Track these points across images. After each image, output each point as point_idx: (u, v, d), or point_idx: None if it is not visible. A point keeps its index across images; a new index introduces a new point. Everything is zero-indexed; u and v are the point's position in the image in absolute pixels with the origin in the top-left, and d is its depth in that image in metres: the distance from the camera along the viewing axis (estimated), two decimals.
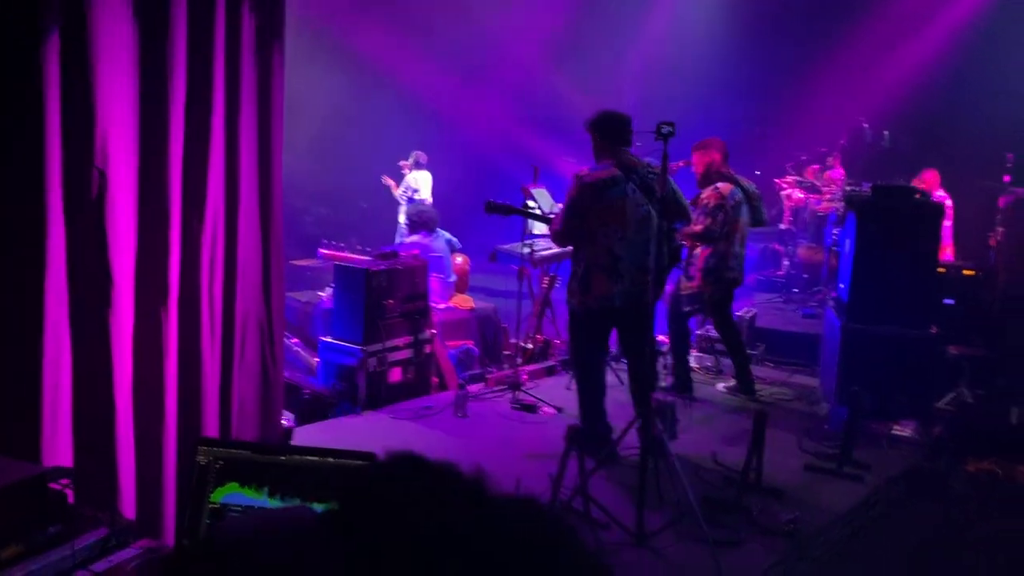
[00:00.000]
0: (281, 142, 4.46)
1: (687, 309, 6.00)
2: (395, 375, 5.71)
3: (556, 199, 6.22)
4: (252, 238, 4.18)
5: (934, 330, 5.59)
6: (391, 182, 10.81)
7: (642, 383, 4.49)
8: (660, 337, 6.65)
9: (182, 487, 3.24)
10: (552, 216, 5.12)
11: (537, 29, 11.87)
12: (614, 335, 5.15)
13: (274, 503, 1.87)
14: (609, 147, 4.61)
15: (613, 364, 5.82)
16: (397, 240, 9.19)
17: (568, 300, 4.70)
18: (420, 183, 10.46)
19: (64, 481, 2.26)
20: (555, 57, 11.94)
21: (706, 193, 5.78)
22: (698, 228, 5.59)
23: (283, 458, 1.93)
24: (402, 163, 10.67)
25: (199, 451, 1.90)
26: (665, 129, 3.72)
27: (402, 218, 10.26)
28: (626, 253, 4.48)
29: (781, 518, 3.95)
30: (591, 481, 4.01)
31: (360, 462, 1.88)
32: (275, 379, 4.53)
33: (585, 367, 4.86)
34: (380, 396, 5.52)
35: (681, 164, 6.08)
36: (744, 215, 5.84)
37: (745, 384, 6.02)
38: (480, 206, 5.18)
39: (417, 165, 10.53)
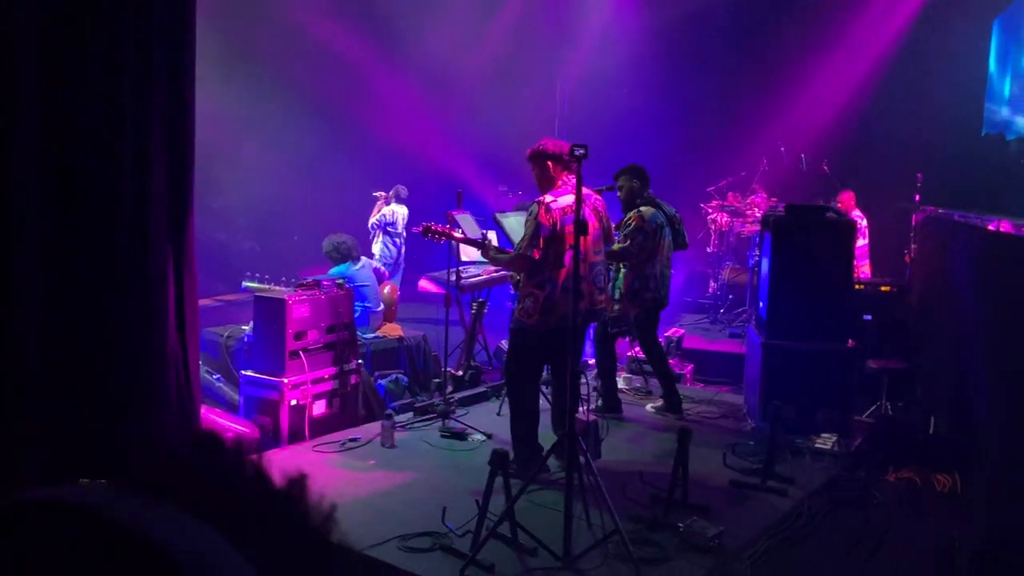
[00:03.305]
0: (192, 178, 4.39)
1: (613, 331, 6.09)
2: (320, 407, 5.59)
3: (482, 226, 6.23)
4: (163, 272, 4.09)
5: (851, 344, 5.73)
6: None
7: (567, 403, 4.48)
8: (590, 360, 6.70)
9: None
10: (481, 241, 5.14)
11: (471, 56, 11.96)
12: None
13: None
14: (561, 173, 4.75)
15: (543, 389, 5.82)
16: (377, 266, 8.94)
17: (521, 320, 4.73)
18: (397, 217, 10.37)
19: None
20: (486, 85, 12.03)
21: (629, 217, 5.94)
22: (616, 247, 5.72)
23: None
24: (379, 194, 10.49)
25: None
26: (578, 151, 3.76)
27: (376, 248, 10.13)
28: (588, 273, 4.70)
29: (707, 534, 3.96)
30: (519, 507, 3.98)
31: None
32: (191, 413, 4.40)
33: (524, 389, 4.89)
34: (304, 430, 5.40)
35: (603, 188, 6.17)
36: (667, 237, 5.99)
37: (672, 403, 6.10)
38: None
39: (397, 199, 10.44)
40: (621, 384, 6.58)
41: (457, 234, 5.23)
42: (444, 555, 3.85)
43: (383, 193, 10.51)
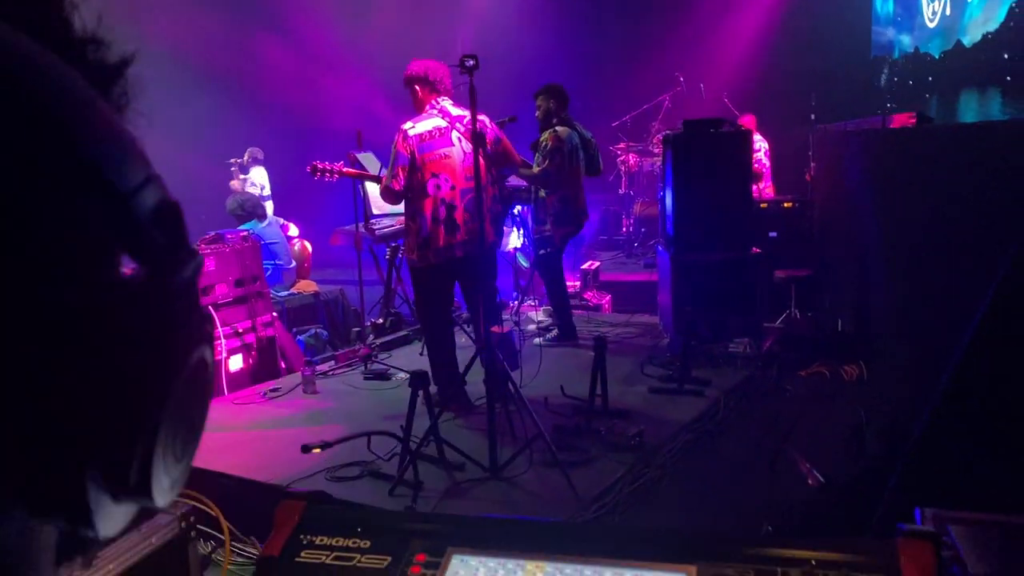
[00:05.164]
0: None
1: (541, 252, 6.04)
2: (236, 363, 5.49)
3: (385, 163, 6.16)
4: None
5: (756, 250, 5.90)
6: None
7: (483, 319, 4.47)
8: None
9: None
10: (379, 176, 5.06)
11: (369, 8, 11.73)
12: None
13: None
14: (431, 94, 4.56)
15: (466, 328, 5.81)
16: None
17: (407, 257, 4.65)
18: (262, 179, 10.08)
19: None
20: (387, 35, 11.81)
21: (545, 137, 5.89)
22: (536, 170, 5.69)
23: None
24: (235, 160, 10.16)
25: None
26: (468, 62, 3.73)
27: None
28: (459, 201, 4.48)
29: (627, 433, 4.06)
30: (446, 431, 4.00)
31: None
32: None
33: (432, 322, 4.81)
34: (222, 384, 5.30)
35: (505, 120, 6.15)
36: (581, 161, 5.97)
37: (567, 332, 6.13)
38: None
39: (255, 161, 10.13)
40: (543, 317, 6.64)
41: (346, 169, 5.09)
42: (373, 480, 3.86)
43: (238, 160, 10.11)
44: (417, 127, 4.46)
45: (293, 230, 8.13)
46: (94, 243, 0.39)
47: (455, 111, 4.57)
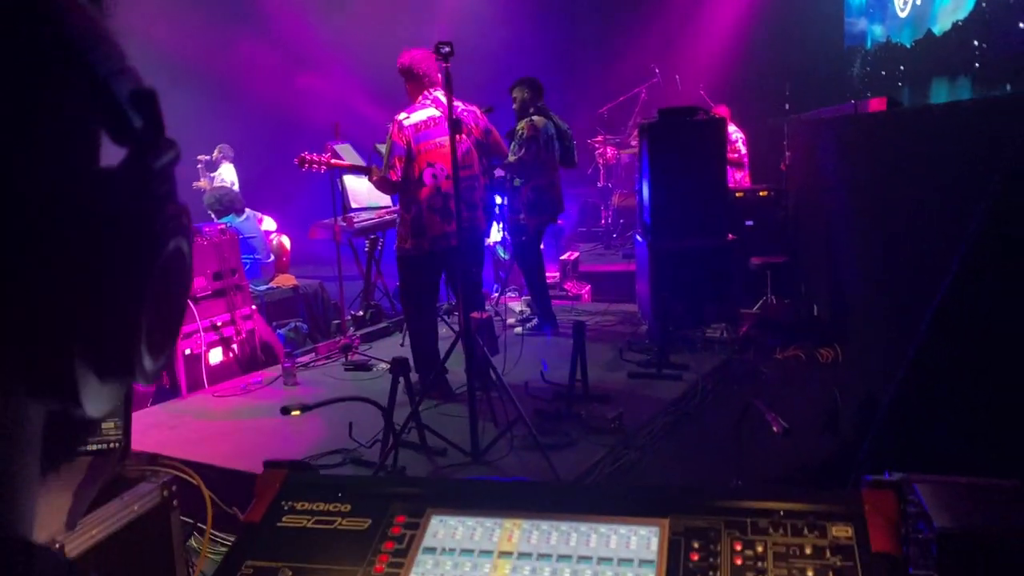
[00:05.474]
0: None
1: (515, 240, 6.08)
2: (216, 356, 5.48)
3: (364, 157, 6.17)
4: None
5: (732, 237, 5.96)
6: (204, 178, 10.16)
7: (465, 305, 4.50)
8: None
9: None
10: (368, 166, 5.06)
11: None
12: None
13: None
14: (422, 86, 4.60)
15: (446, 318, 5.83)
16: None
17: (399, 246, 4.65)
18: (231, 176, 10.03)
19: None
20: (364, 29, 11.79)
21: (521, 125, 5.93)
22: (512, 159, 5.72)
23: None
24: (202, 157, 10.07)
25: None
26: (444, 49, 3.76)
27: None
28: (455, 191, 4.52)
29: (607, 416, 4.11)
30: (429, 418, 4.03)
31: None
32: None
33: (419, 312, 4.81)
34: (203, 378, 5.29)
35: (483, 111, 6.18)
36: (556, 151, 6.01)
37: (547, 319, 6.16)
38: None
39: (224, 158, 10.08)
40: (523, 307, 6.67)
41: (335, 160, 5.12)
42: (355, 468, 3.88)
43: (205, 157, 10.03)
44: (412, 117, 4.51)
45: (270, 224, 8.11)
46: (73, 124, 0.42)
47: (446, 99, 4.61)
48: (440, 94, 4.61)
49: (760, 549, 1.11)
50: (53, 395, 0.41)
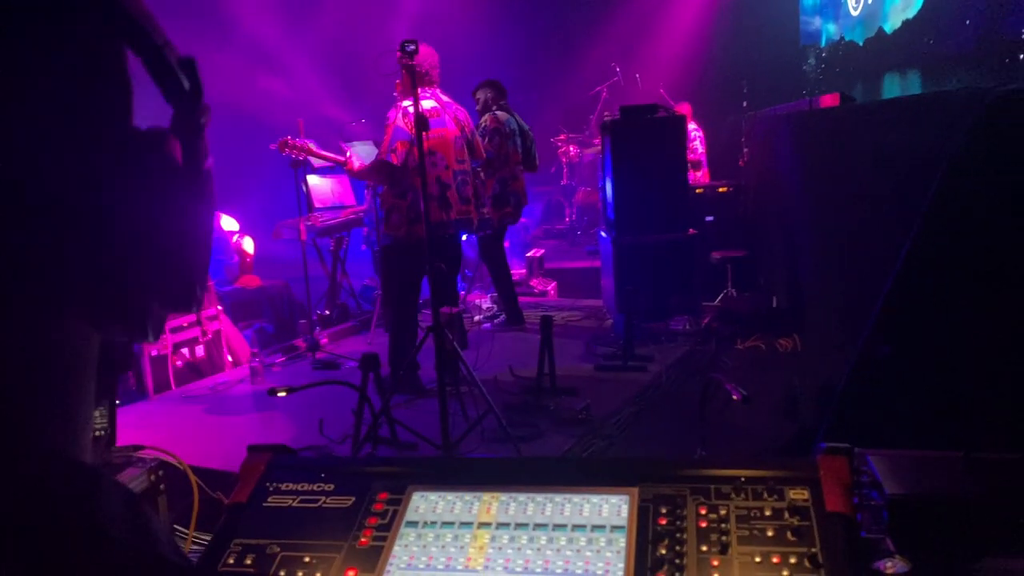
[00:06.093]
0: None
1: (480, 233, 6.12)
2: (183, 356, 5.46)
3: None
4: None
5: (692, 231, 6.08)
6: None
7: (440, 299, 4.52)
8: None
9: None
10: (344, 159, 5.06)
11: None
12: None
13: None
14: (422, 83, 4.60)
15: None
16: None
17: (389, 236, 4.59)
18: None
19: None
20: (324, 29, 11.75)
21: (484, 119, 6.07)
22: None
23: None
24: None
25: None
26: (409, 47, 3.81)
27: None
28: (451, 180, 4.64)
29: (575, 407, 4.19)
30: (400, 413, 4.07)
31: None
32: None
33: (404, 303, 4.77)
34: (170, 379, 5.27)
35: None
36: (518, 146, 6.12)
37: (514, 317, 6.25)
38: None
39: None
40: (490, 304, 6.73)
41: (314, 148, 5.08)
42: None
43: None
44: (420, 105, 4.51)
45: (231, 224, 8.06)
46: (129, 88, 0.48)
47: (444, 98, 4.81)
48: (439, 92, 4.79)
49: (723, 512, 1.19)
50: (125, 326, 0.47)
